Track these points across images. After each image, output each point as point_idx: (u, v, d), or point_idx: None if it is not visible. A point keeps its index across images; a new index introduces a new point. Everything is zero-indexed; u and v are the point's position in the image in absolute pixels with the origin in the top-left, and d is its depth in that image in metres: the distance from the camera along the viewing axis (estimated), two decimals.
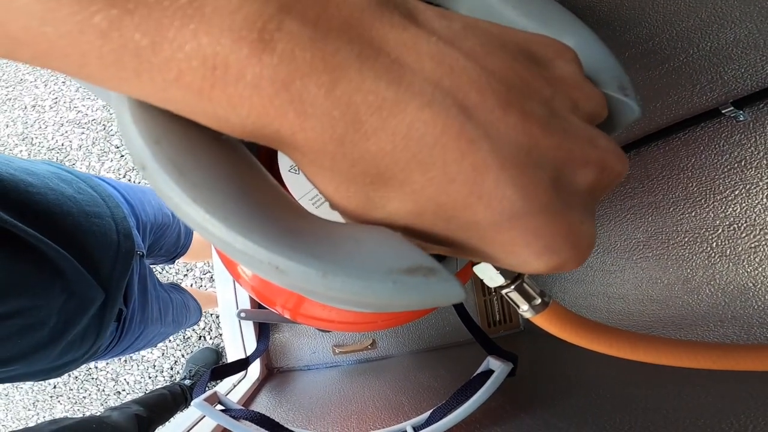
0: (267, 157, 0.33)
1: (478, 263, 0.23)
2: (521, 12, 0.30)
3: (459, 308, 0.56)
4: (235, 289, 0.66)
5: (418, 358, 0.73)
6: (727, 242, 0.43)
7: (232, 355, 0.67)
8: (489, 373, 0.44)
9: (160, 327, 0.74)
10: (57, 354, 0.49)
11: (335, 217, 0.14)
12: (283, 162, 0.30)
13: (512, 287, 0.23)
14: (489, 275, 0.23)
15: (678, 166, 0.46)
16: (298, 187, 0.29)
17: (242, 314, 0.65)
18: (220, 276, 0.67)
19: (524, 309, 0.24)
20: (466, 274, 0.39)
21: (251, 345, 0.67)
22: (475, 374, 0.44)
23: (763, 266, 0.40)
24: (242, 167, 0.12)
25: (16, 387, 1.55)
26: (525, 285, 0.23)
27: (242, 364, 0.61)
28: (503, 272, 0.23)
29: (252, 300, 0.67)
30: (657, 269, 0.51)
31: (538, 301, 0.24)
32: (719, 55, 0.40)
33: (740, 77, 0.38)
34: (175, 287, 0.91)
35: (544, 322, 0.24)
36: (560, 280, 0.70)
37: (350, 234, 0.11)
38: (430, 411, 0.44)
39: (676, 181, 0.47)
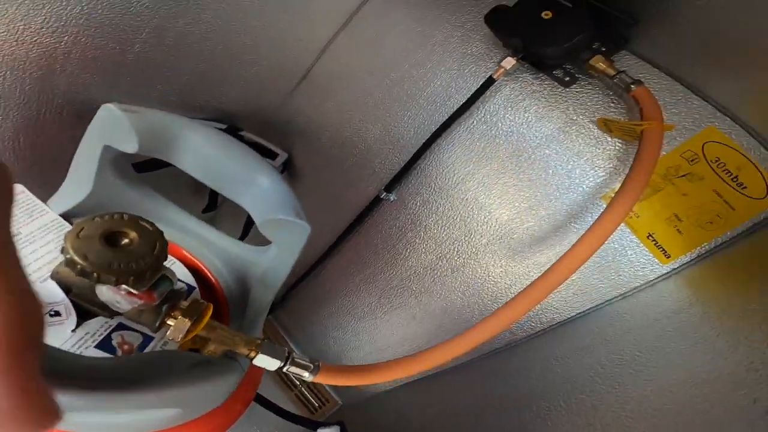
0: None
1: (255, 357, 0.27)
2: (227, 156, 0.42)
3: (269, 405, 0.56)
4: None
5: None
6: (419, 282, 0.66)
7: None
8: None
9: None
10: None
11: None
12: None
13: (288, 364, 0.29)
14: (267, 363, 0.27)
15: (373, 243, 0.68)
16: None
17: None
18: None
19: (306, 375, 0.30)
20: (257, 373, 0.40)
21: None
22: None
23: (446, 292, 0.64)
24: None
25: None
26: (296, 359, 0.30)
27: None
28: (277, 356, 0.28)
29: None
30: (396, 316, 0.70)
31: (312, 366, 0.30)
32: (370, 152, 0.65)
33: (384, 168, 0.64)
34: None
35: (323, 378, 0.30)
36: (339, 352, 0.80)
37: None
38: None
39: (375, 254, 0.69)
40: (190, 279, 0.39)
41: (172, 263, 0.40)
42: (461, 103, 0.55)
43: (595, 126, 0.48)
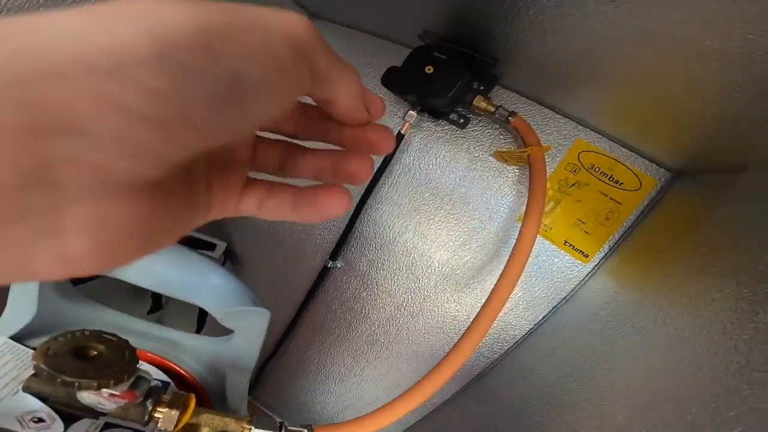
0: None
1: None
2: (174, 268, 0.44)
3: None
4: None
5: None
6: (385, 334, 0.67)
7: None
8: None
9: None
10: None
11: None
12: None
13: None
14: None
15: (332, 309, 0.69)
16: None
17: None
18: None
19: None
20: None
21: None
22: None
23: (413, 336, 0.65)
24: None
25: None
26: (289, 427, 0.31)
27: None
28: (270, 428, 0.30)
29: None
30: (374, 369, 0.70)
31: (305, 430, 0.32)
32: (309, 226, 0.67)
33: (325, 238, 0.66)
34: None
35: None
36: (331, 416, 0.77)
37: None
38: None
39: (337, 319, 0.70)
40: (162, 376, 0.39)
41: (142, 365, 0.41)
42: (380, 162, 0.59)
43: (494, 158, 0.54)
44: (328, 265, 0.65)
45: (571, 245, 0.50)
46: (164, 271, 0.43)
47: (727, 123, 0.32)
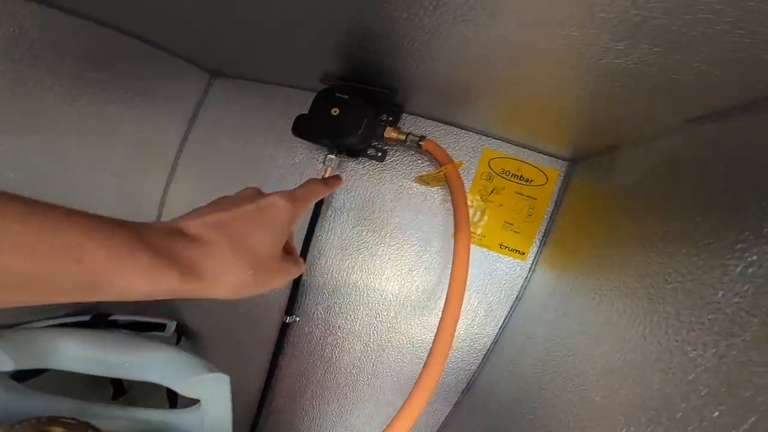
0: None
1: None
2: (117, 353, 0.46)
3: None
4: None
5: None
6: (363, 372, 0.64)
7: None
8: None
9: None
10: None
11: None
12: None
13: None
14: None
15: (304, 361, 0.66)
16: None
17: None
18: None
19: None
20: None
21: None
22: None
23: (389, 367, 0.63)
24: None
25: None
26: None
27: None
28: None
29: None
30: (363, 408, 0.66)
31: None
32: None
33: (276, 296, 0.63)
34: None
35: None
36: None
37: None
38: None
39: (311, 368, 0.66)
40: None
41: None
42: (311, 211, 0.59)
43: (417, 184, 0.56)
44: (287, 321, 0.62)
45: (506, 247, 0.52)
46: (107, 357, 0.46)
47: (589, 110, 0.36)
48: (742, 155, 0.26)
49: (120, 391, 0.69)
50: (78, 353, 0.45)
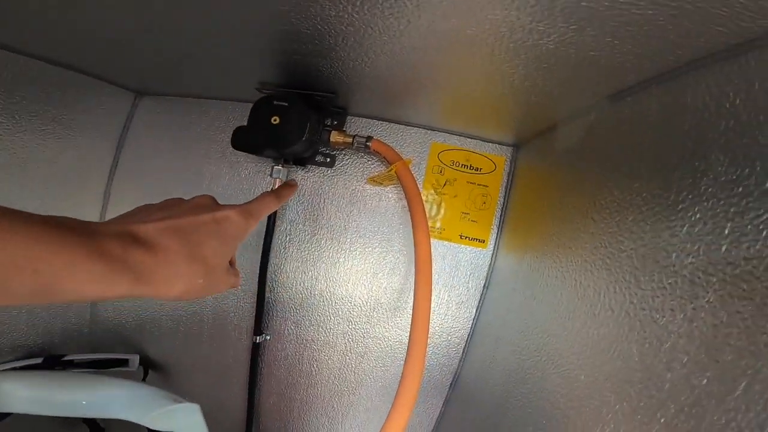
0: None
1: None
2: (78, 393, 0.46)
3: None
4: None
5: None
6: (345, 382, 0.62)
7: None
8: None
9: None
10: None
11: None
12: None
13: None
14: None
15: (283, 378, 0.63)
16: None
17: None
18: None
19: None
20: None
21: None
22: None
23: (372, 374, 0.61)
24: None
25: None
26: None
27: None
28: None
29: None
30: (353, 419, 0.64)
31: None
32: (219, 312, 0.60)
33: (241, 317, 0.59)
34: None
35: None
36: None
37: None
38: None
39: (292, 385, 0.63)
40: None
41: None
42: (265, 224, 0.56)
43: (370, 185, 0.55)
44: (257, 341, 0.58)
45: (466, 237, 0.52)
46: (58, 397, 0.45)
47: (523, 94, 0.37)
48: (664, 123, 0.28)
49: (96, 430, 0.64)
50: (26, 395, 0.44)
